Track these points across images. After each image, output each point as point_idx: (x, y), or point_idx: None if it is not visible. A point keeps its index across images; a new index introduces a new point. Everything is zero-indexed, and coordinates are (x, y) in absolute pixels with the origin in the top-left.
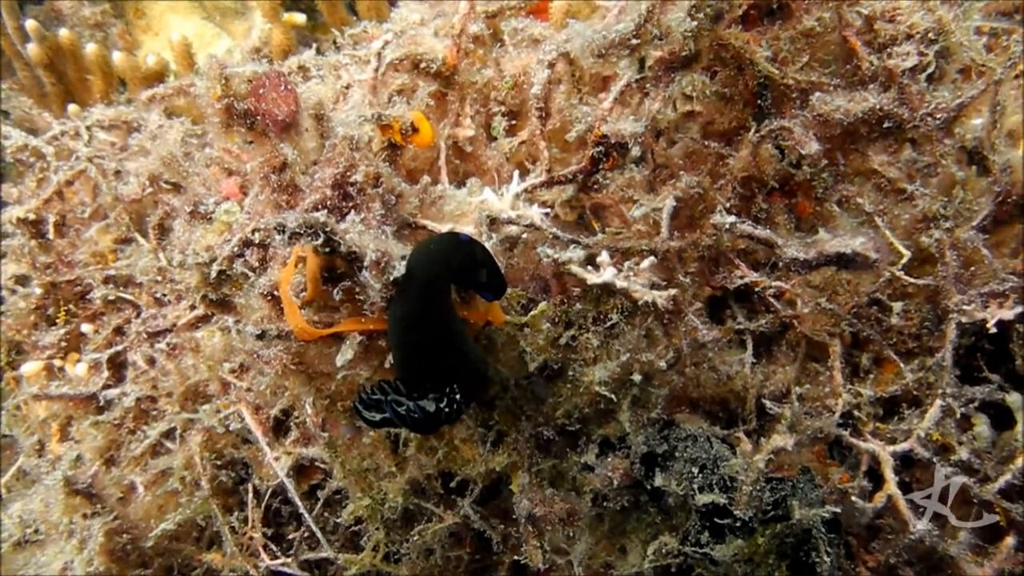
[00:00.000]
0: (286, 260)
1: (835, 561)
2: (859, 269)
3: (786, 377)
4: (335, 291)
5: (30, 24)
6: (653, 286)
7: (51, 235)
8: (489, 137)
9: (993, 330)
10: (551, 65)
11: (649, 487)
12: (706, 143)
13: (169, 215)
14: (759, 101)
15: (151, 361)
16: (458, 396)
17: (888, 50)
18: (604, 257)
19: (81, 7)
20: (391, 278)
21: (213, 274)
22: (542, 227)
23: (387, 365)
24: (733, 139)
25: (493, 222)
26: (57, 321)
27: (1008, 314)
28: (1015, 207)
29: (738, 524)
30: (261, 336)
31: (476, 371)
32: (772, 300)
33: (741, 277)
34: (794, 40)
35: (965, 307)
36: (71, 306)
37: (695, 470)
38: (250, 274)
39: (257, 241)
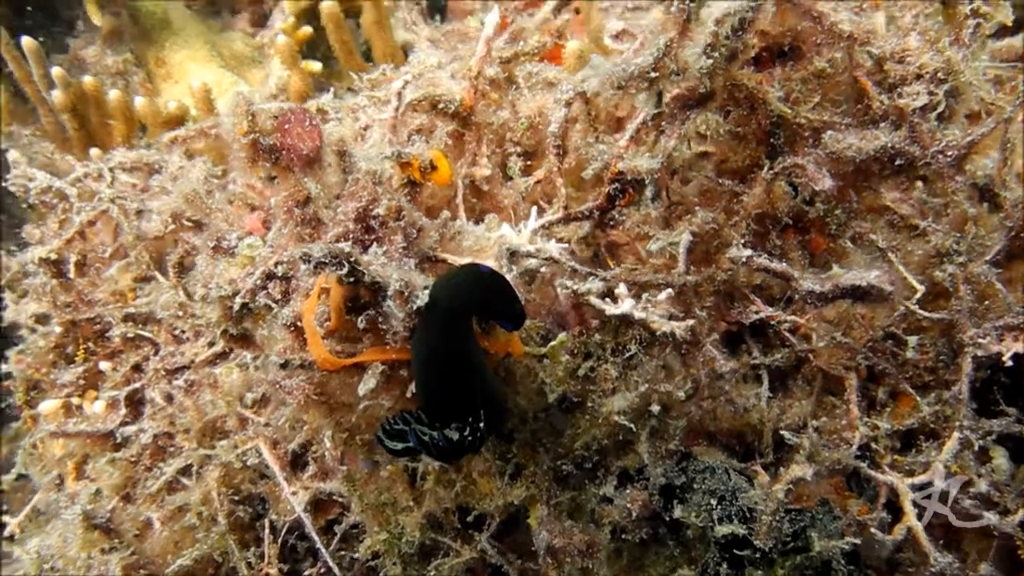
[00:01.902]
0: (309, 291)
1: None
2: (874, 302)
3: (802, 411)
4: (359, 320)
5: (56, 71)
6: (671, 318)
7: (72, 274)
8: (505, 176)
9: (1009, 363)
10: (568, 104)
11: (668, 519)
12: (720, 181)
13: (189, 253)
14: (772, 140)
15: (169, 398)
16: (481, 424)
17: (898, 90)
18: (622, 289)
19: (104, 56)
20: (414, 307)
21: (236, 306)
22: (560, 260)
23: (409, 395)
24: (747, 177)
25: (513, 255)
26: (76, 359)
27: None
28: None
29: (757, 555)
30: (284, 365)
31: (497, 401)
32: (787, 335)
33: (756, 312)
34: (805, 81)
35: (980, 340)
36: (90, 344)
37: (714, 501)
38: (273, 305)
39: (280, 274)
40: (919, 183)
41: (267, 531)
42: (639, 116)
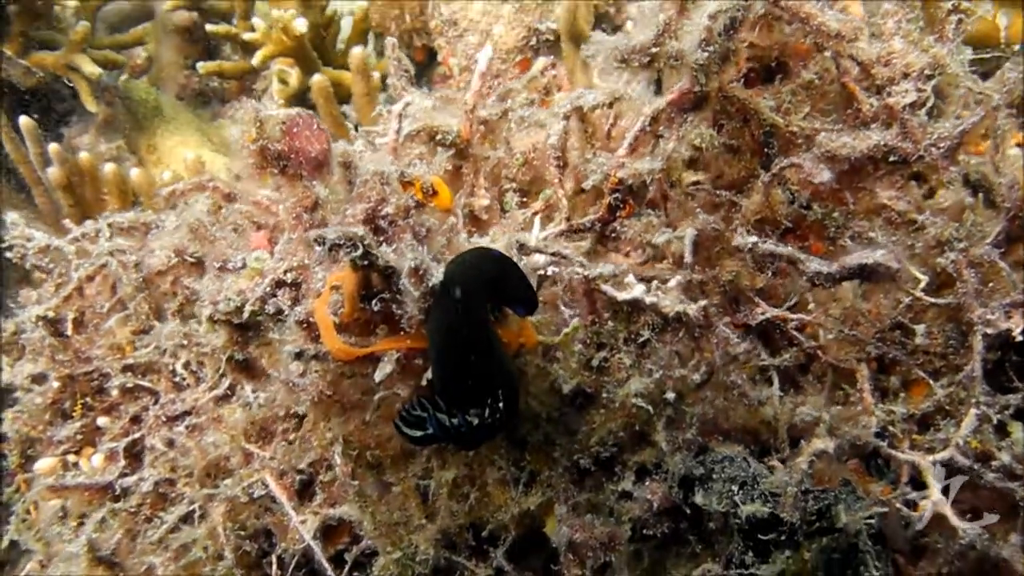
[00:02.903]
0: (320, 292)
1: (889, 574)
2: (882, 281)
3: (816, 404)
4: (373, 303)
5: (53, 147)
6: (682, 302)
7: (69, 332)
8: (502, 211)
9: (1020, 338)
10: (566, 117)
11: (688, 511)
12: (718, 193)
13: (190, 300)
14: (766, 150)
15: (170, 443)
16: (500, 405)
17: (887, 90)
18: (631, 278)
19: (98, 143)
20: (429, 285)
21: (246, 313)
22: (568, 255)
23: (424, 383)
24: (744, 188)
25: (522, 247)
26: (73, 415)
27: None
28: None
29: (783, 538)
30: (299, 355)
31: (515, 385)
32: (795, 333)
33: (763, 313)
34: (795, 92)
35: (990, 317)
36: (88, 399)
37: (735, 488)
38: (283, 308)
39: (290, 281)
40: (914, 184)
41: (274, 567)
42: (637, 123)
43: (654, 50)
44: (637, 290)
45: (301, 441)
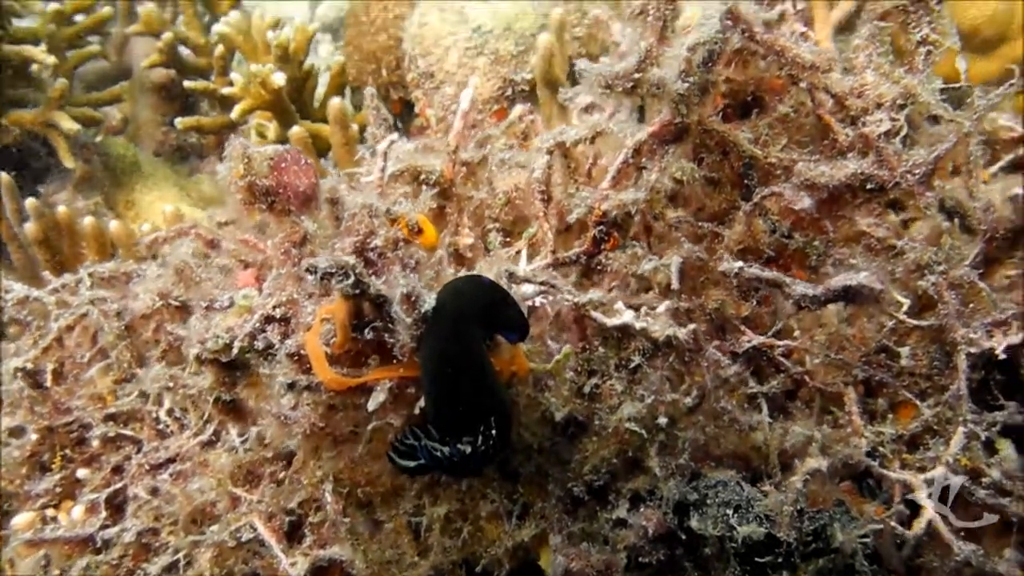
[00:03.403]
0: (310, 325)
1: None
2: (866, 303)
3: (807, 427)
4: (365, 332)
5: (30, 202)
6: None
7: (49, 383)
8: (486, 250)
9: (1002, 356)
10: (550, 152)
11: (684, 537)
12: (700, 224)
13: (172, 347)
14: (746, 181)
15: (154, 491)
16: (493, 431)
17: (861, 120)
18: (620, 305)
19: (75, 199)
20: (421, 311)
21: (235, 349)
22: (557, 284)
23: (417, 411)
24: (725, 220)
25: (511, 275)
26: (52, 467)
27: (1016, 338)
28: (1004, 242)
29: (780, 560)
30: (291, 386)
31: (507, 410)
32: (782, 359)
33: (749, 341)
34: (772, 126)
35: (972, 336)
36: (68, 451)
37: (730, 512)
38: (274, 343)
39: (279, 316)
40: (890, 212)
41: None
42: (620, 156)
43: (637, 76)
44: (627, 316)
45: (290, 481)
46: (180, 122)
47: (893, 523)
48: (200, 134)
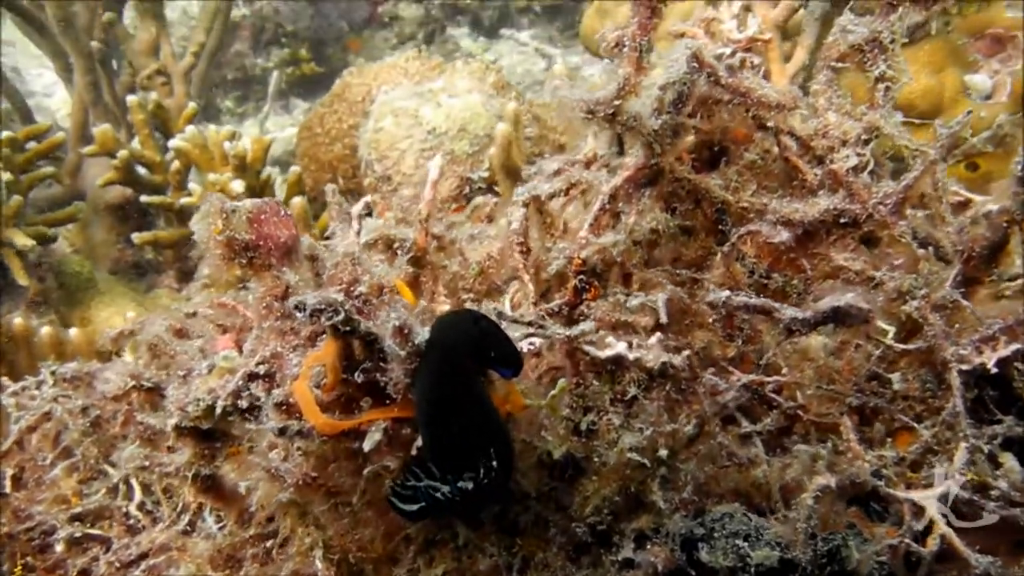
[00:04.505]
0: (297, 376)
1: None
2: (855, 324)
3: (803, 463)
4: (356, 374)
5: None
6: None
7: (8, 489)
8: None
9: (994, 370)
10: (525, 204)
11: (694, 573)
12: (678, 272)
13: (142, 437)
14: (720, 227)
15: None
16: (495, 463)
17: (828, 158)
18: (611, 338)
19: (29, 318)
20: (416, 342)
21: (218, 409)
22: (545, 325)
23: (414, 451)
24: (703, 266)
25: (501, 316)
26: None
27: (1006, 351)
28: (981, 261)
29: None
30: (283, 431)
31: (509, 441)
32: (773, 396)
33: (738, 380)
34: (740, 173)
35: (963, 353)
36: (29, 559)
37: (739, 541)
38: (259, 397)
39: (263, 373)
40: (864, 249)
41: None
42: (596, 202)
43: (617, 103)
44: (619, 347)
45: (277, 553)
46: (137, 237)
47: (908, 540)
48: (158, 249)
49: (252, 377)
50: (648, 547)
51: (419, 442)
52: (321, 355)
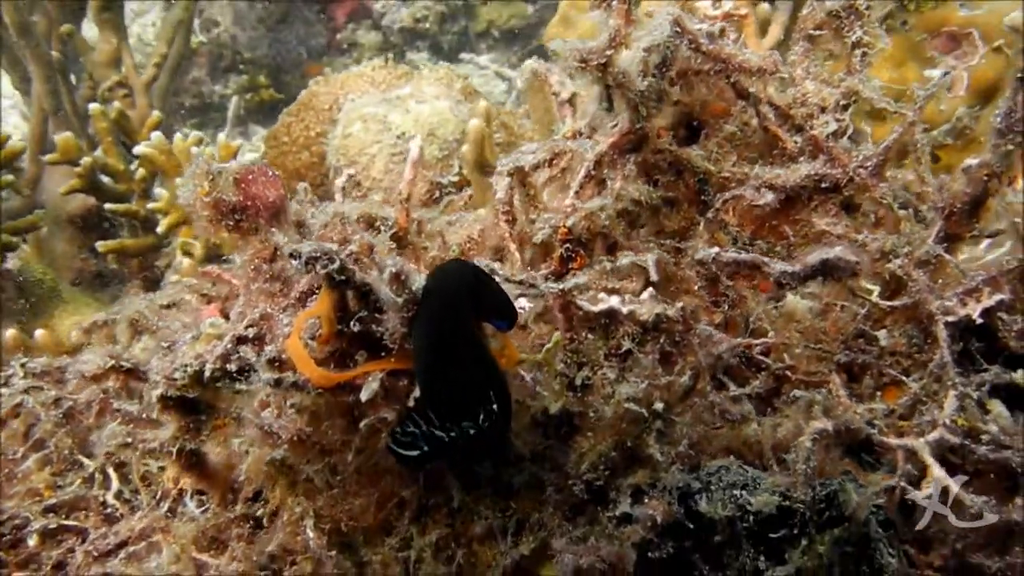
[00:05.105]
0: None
1: (902, 563)
2: (843, 276)
3: (795, 422)
4: (352, 323)
5: None
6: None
7: None
8: None
9: (979, 321)
10: (510, 174)
11: (691, 526)
12: (663, 242)
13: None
14: (702, 197)
15: None
16: (495, 407)
17: (808, 123)
18: (603, 294)
19: None
20: (413, 288)
21: (207, 373)
22: (536, 283)
23: (412, 403)
24: (686, 236)
25: (493, 272)
26: None
27: (990, 301)
28: (962, 216)
29: (795, 532)
30: (278, 383)
31: (506, 388)
32: (762, 358)
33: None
34: (720, 145)
35: (948, 304)
36: (1, 554)
37: (737, 492)
38: (250, 360)
39: (252, 336)
40: (844, 215)
41: None
42: (581, 169)
43: (608, 53)
44: (612, 300)
45: (265, 528)
46: (102, 245)
47: (904, 484)
48: (123, 257)
49: (241, 340)
50: (645, 501)
51: (415, 393)
52: (315, 309)
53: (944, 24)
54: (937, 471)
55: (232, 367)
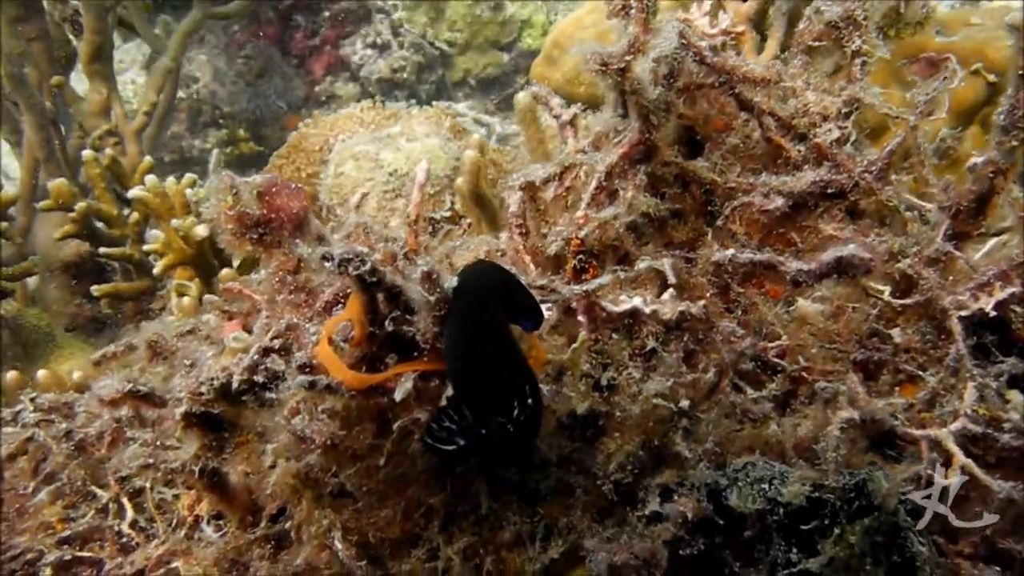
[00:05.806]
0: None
1: (932, 551)
2: (858, 273)
3: (815, 420)
4: (386, 323)
5: None
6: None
7: None
8: None
9: (992, 314)
10: (521, 188)
11: (721, 523)
12: (673, 253)
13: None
14: (709, 208)
15: None
16: (529, 401)
17: (811, 133)
18: (624, 296)
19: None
20: (444, 286)
21: (235, 385)
22: (556, 287)
23: (444, 402)
24: (694, 248)
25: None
26: None
27: (1003, 295)
28: (968, 214)
29: (826, 523)
30: (312, 385)
31: (536, 383)
32: (777, 360)
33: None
34: (724, 157)
35: (960, 299)
36: None
37: (766, 486)
38: (277, 370)
39: (278, 347)
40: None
41: None
42: (592, 181)
43: (628, 58)
44: (635, 301)
45: (293, 539)
46: (97, 289)
47: (931, 471)
48: (118, 301)
49: (267, 352)
50: (676, 499)
51: (447, 393)
52: (345, 314)
53: (922, 50)
54: (962, 458)
55: (260, 378)
